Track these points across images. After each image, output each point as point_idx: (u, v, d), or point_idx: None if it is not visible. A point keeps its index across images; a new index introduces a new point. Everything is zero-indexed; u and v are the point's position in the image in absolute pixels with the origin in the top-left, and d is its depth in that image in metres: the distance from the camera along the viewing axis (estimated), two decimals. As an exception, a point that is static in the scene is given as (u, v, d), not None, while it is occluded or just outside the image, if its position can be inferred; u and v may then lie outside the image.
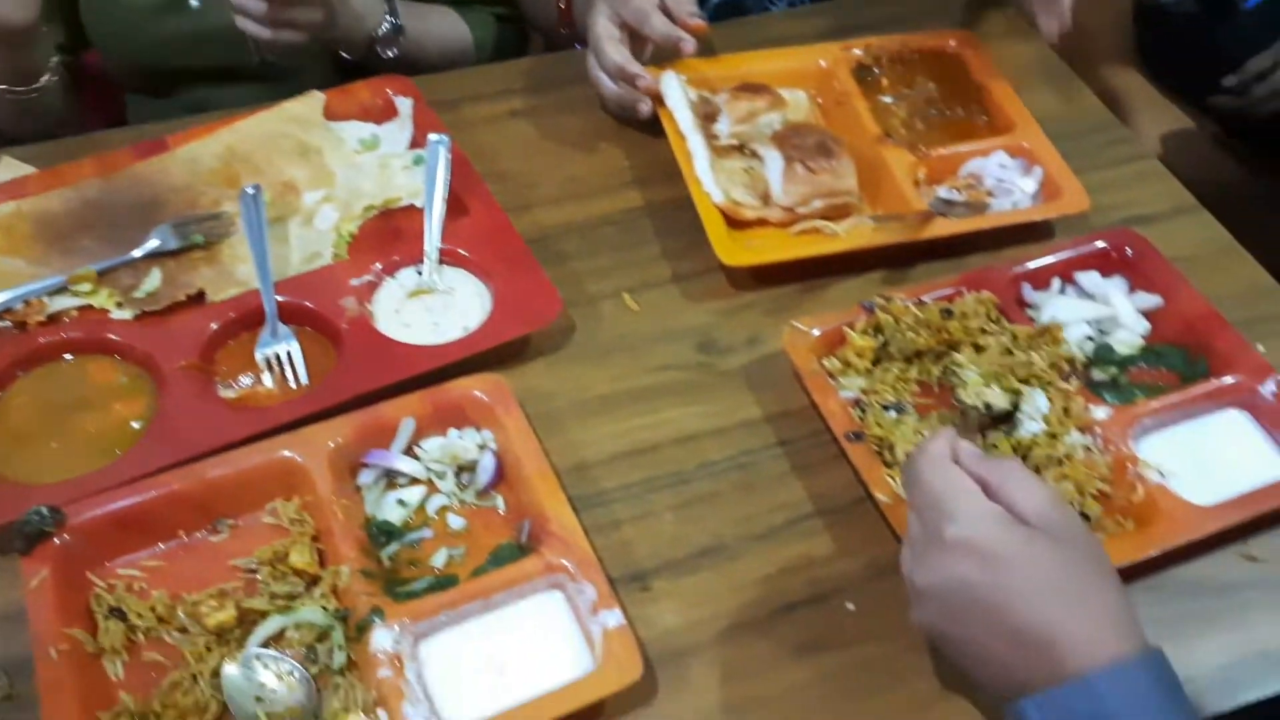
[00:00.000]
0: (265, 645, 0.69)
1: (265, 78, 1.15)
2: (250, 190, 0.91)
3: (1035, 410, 0.81)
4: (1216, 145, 1.44)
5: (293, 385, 0.83)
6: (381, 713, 0.65)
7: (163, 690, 0.66)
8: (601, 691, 0.66)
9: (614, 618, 0.69)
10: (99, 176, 0.94)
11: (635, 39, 1.06)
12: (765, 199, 0.99)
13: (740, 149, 1.03)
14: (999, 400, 0.77)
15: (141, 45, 1.15)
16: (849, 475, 0.82)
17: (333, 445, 0.77)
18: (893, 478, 0.78)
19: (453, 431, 0.81)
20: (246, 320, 0.86)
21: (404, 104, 1.03)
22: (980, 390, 0.76)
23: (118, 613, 0.69)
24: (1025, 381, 0.82)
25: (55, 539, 0.70)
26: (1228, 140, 1.43)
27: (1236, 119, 1.40)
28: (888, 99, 1.13)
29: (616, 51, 1.04)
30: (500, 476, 0.79)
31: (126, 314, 0.86)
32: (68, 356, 0.84)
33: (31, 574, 0.68)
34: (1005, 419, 0.82)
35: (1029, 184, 1.03)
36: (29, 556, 0.69)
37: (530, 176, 1.04)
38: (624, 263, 0.97)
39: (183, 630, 0.69)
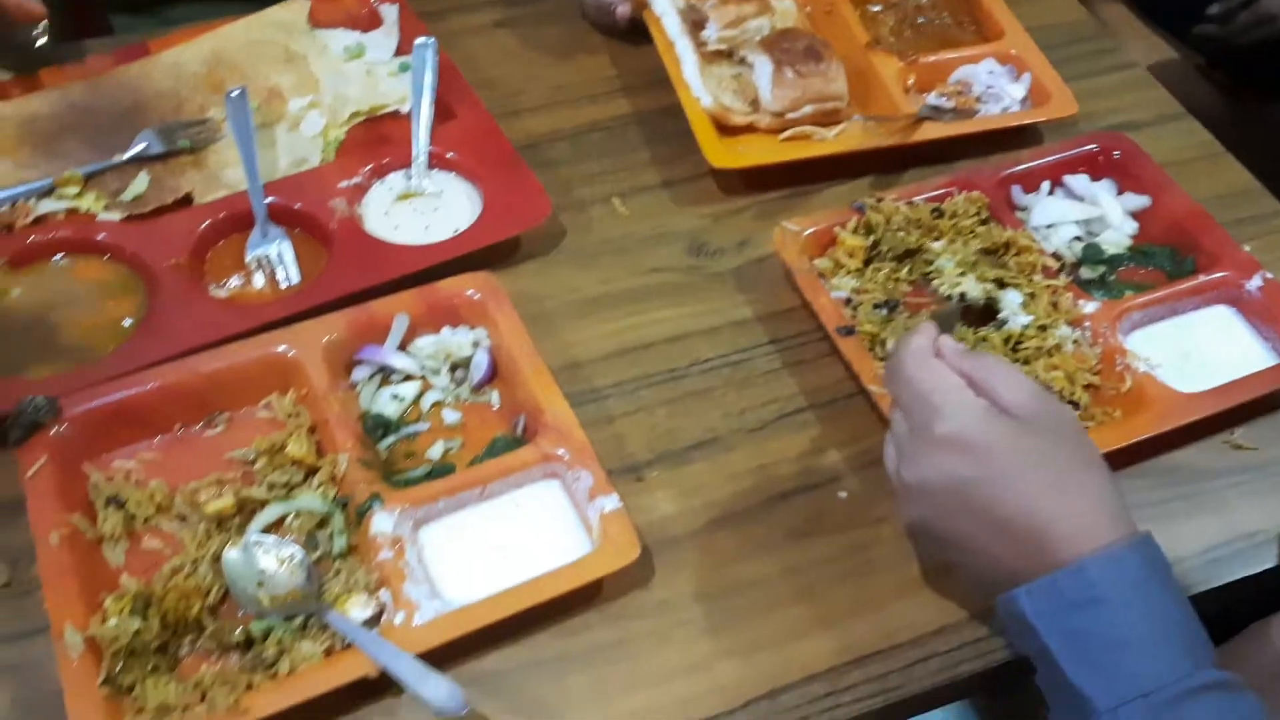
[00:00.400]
0: (266, 531, 0.69)
1: None
2: (234, 92, 0.90)
3: (1013, 306, 0.81)
4: (1200, 75, 1.44)
5: (283, 285, 0.83)
6: (384, 593, 0.65)
7: (164, 574, 0.66)
8: (600, 571, 0.67)
9: (611, 502, 0.69)
10: (82, 81, 0.92)
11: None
12: (754, 105, 0.98)
13: (728, 55, 1.02)
14: (974, 290, 0.76)
15: None
16: (840, 372, 0.82)
17: (327, 340, 0.76)
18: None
19: (446, 329, 0.80)
20: (236, 222, 0.85)
21: (389, 11, 1.02)
22: (955, 280, 0.76)
23: (116, 501, 0.69)
24: (1002, 283, 0.83)
25: (51, 430, 0.70)
26: (1210, 71, 1.43)
27: (1219, 49, 1.39)
28: (876, 7, 1.12)
29: None
30: (494, 373, 0.79)
31: (114, 216, 0.85)
32: (58, 257, 0.82)
33: (29, 463, 0.68)
34: (987, 316, 0.82)
35: (1018, 90, 1.02)
36: (25, 446, 0.69)
37: (516, 85, 1.03)
38: (613, 169, 0.97)
39: (181, 519, 0.69)
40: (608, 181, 0.95)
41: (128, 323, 0.79)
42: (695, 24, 1.03)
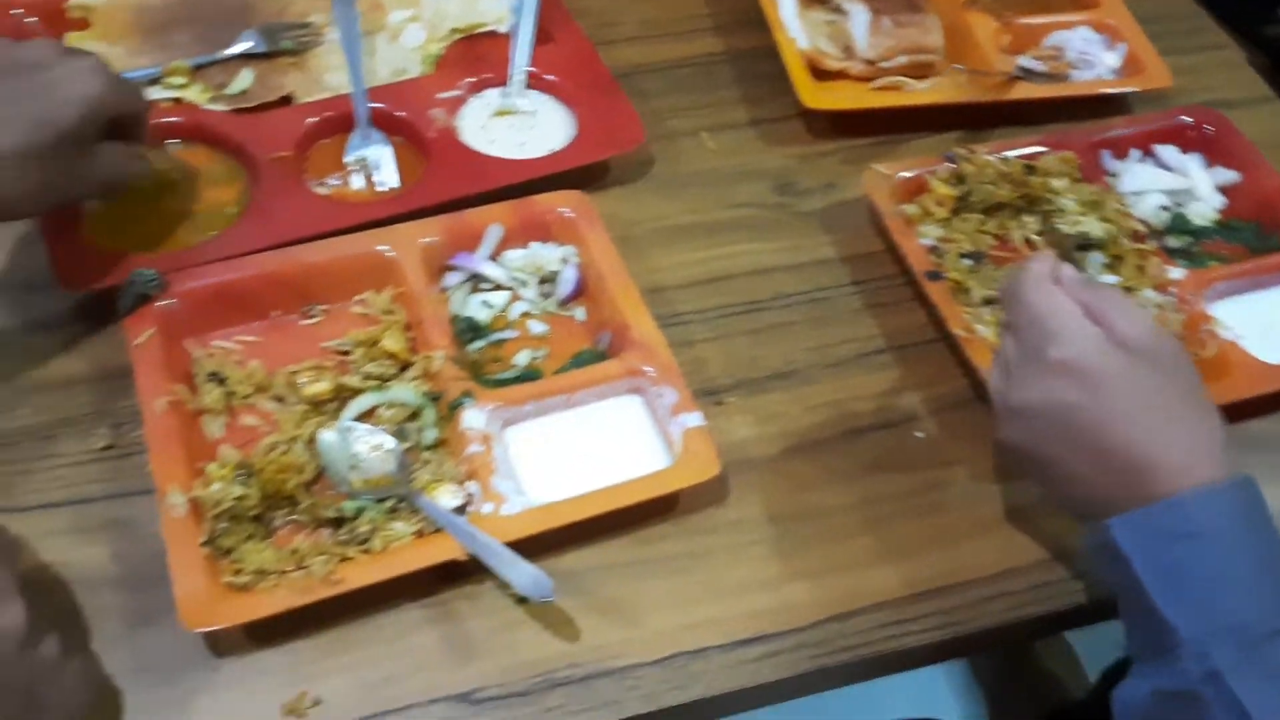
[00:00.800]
0: (359, 419, 0.70)
1: None
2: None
3: (1096, 267, 0.81)
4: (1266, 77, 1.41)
5: (380, 189, 0.83)
6: (471, 484, 0.66)
7: (262, 449, 0.67)
8: (681, 483, 0.68)
9: (694, 419, 0.70)
10: (192, -26, 0.93)
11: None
12: (848, 52, 0.98)
13: (824, 2, 1.01)
14: (1096, 229, 0.76)
15: None
16: (922, 316, 0.82)
17: (425, 243, 0.77)
18: (969, 314, 0.78)
19: (535, 244, 0.81)
20: (338, 123, 0.86)
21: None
22: (1078, 218, 0.76)
23: (217, 377, 0.71)
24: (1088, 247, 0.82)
25: (158, 302, 0.71)
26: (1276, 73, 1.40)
27: None
28: (973, -33, 1.10)
29: None
30: (581, 290, 0.80)
31: (219, 108, 0.86)
32: (170, 142, 0.84)
33: (137, 332, 0.70)
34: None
35: (1112, 59, 1.01)
36: (134, 317, 0.70)
37: (610, 16, 1.03)
38: (703, 104, 0.97)
39: (279, 399, 0.71)
40: (697, 116, 0.96)
41: (231, 210, 0.80)
42: (794, -33, 1.02)
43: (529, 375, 0.74)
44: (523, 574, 0.61)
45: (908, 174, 0.87)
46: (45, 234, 0.75)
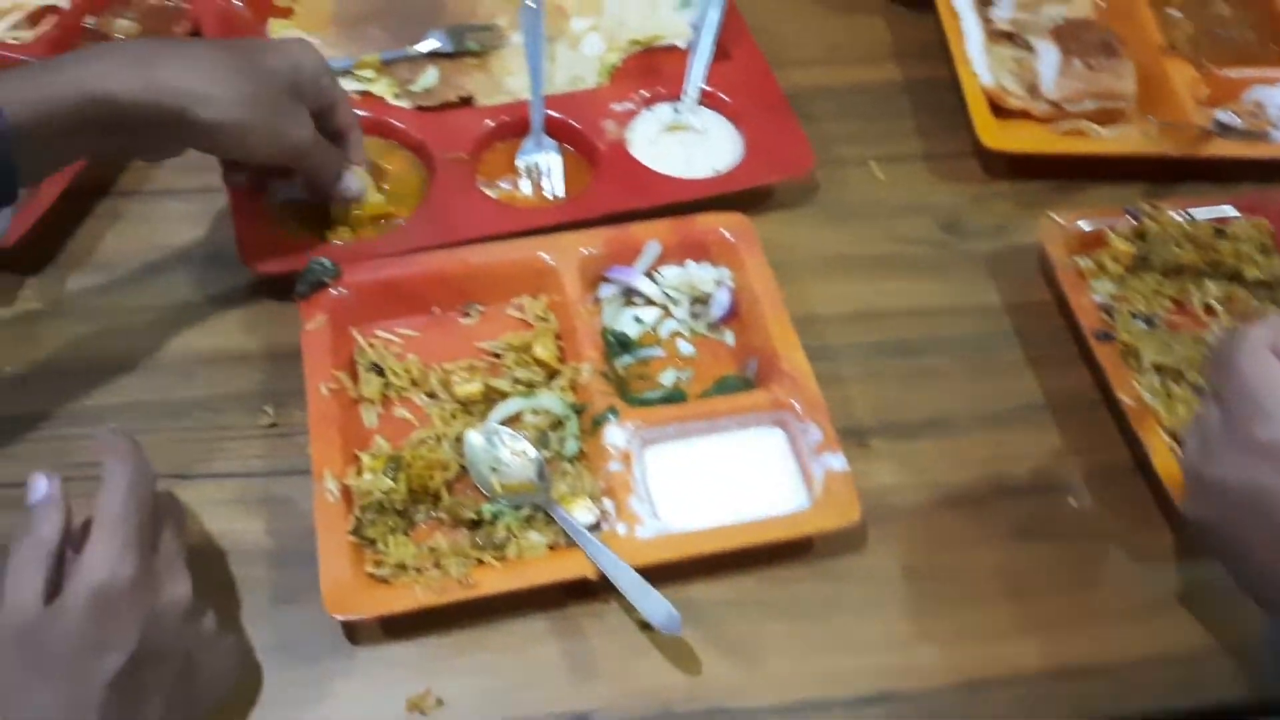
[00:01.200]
0: (504, 423, 0.71)
1: None
2: (532, 3, 0.91)
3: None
4: None
5: (548, 196, 0.84)
6: (608, 502, 0.66)
7: (412, 442, 0.69)
8: (819, 527, 0.66)
9: (838, 461, 0.68)
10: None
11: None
12: (1032, 91, 0.93)
13: (1012, 38, 0.97)
14: None
15: None
16: (1086, 378, 0.78)
17: (584, 253, 0.77)
18: (1138, 381, 0.74)
19: (691, 263, 0.80)
20: (513, 127, 0.87)
21: (681, -56, 1.01)
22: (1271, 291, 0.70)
23: (377, 368, 0.72)
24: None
25: (331, 290, 0.73)
26: None
27: None
28: (1175, 13, 1.04)
29: None
30: (733, 313, 0.78)
31: (403, 104, 0.88)
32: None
33: (309, 317, 0.72)
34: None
35: (1320, 120, 0.94)
36: (309, 302, 0.73)
37: (790, 36, 1.01)
38: (875, 133, 0.94)
39: (431, 395, 0.72)
40: (868, 145, 0.93)
41: (408, 205, 0.82)
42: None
43: (674, 396, 0.73)
44: (655, 605, 0.60)
45: (1085, 225, 0.82)
46: (235, 213, 0.78)
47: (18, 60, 0.85)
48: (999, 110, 0.92)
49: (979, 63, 0.93)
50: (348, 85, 0.88)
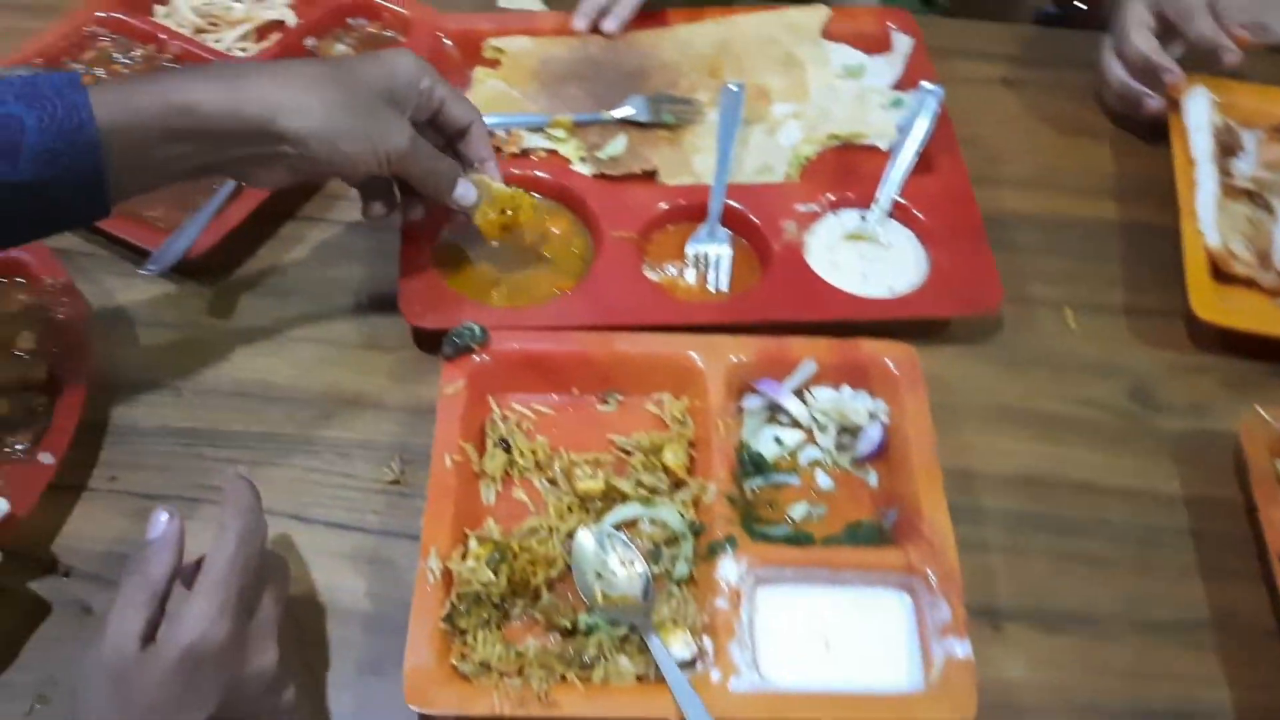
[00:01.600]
0: (618, 528, 0.68)
1: None
2: (735, 87, 0.89)
3: None
4: None
5: (711, 288, 0.81)
6: (707, 640, 0.63)
7: (522, 531, 0.67)
8: (929, 717, 0.61)
9: (963, 648, 0.62)
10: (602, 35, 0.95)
11: (1167, 35, 0.93)
12: (1263, 259, 0.84)
13: (1251, 196, 0.88)
14: None
15: None
16: (1263, 602, 0.69)
17: (734, 360, 0.74)
18: (1329, 628, 0.65)
19: (847, 389, 0.76)
20: (690, 212, 0.85)
21: (901, 41, 0.96)
22: None
23: (505, 444, 0.72)
24: None
25: (476, 356, 0.73)
26: None
27: None
28: None
29: (1145, 40, 0.92)
30: (882, 452, 0.74)
31: (586, 169, 0.87)
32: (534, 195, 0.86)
33: (449, 381, 0.72)
34: None
35: None
36: (452, 364, 0.73)
37: (1001, 151, 0.95)
38: (1076, 274, 0.87)
39: (552, 482, 0.71)
40: (1065, 286, 0.86)
41: (570, 275, 0.81)
42: (1226, 148, 0.90)
43: (799, 538, 0.69)
44: (729, 771, 0.57)
45: (1299, 429, 0.73)
46: (403, 258, 0.79)
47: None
48: (1220, 274, 0.84)
49: (1207, 219, 0.85)
50: (538, 141, 0.89)
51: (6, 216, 0.59)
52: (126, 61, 0.90)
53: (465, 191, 0.75)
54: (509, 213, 0.78)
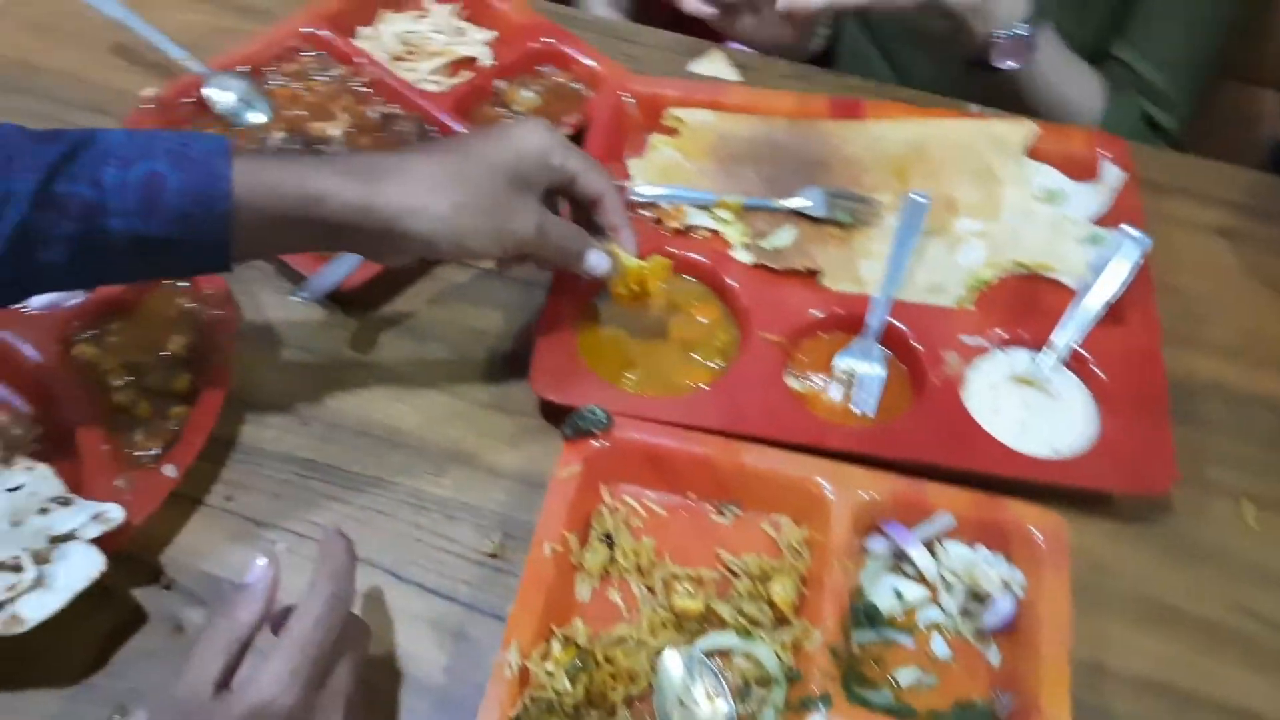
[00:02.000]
0: (709, 655, 0.65)
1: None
2: (921, 198, 0.84)
3: None
4: None
5: (855, 410, 0.77)
6: (779, 804, 0.59)
7: (610, 638, 0.65)
8: None
9: None
10: (789, 119, 0.92)
11: None
12: None
13: None
14: None
15: None
16: None
17: (865, 497, 0.70)
18: None
19: (983, 549, 0.70)
20: (846, 322, 0.81)
21: (1111, 172, 0.89)
22: None
23: (609, 540, 0.70)
24: None
25: (596, 441, 0.71)
26: None
27: None
28: None
29: None
30: (1010, 627, 0.68)
31: (746, 257, 0.84)
32: (686, 277, 0.84)
33: (566, 463, 0.70)
34: None
35: None
36: (572, 445, 0.71)
37: (1203, 310, 0.87)
38: (1265, 465, 0.78)
39: (650, 590, 0.68)
40: (1249, 476, 0.77)
41: (708, 368, 0.79)
42: None
43: (902, 710, 0.64)
44: None
45: None
46: (540, 324, 0.78)
47: (426, 105, 0.90)
48: None
49: None
50: (701, 219, 0.86)
51: (130, 262, 0.63)
52: (324, 79, 0.93)
53: (596, 262, 0.73)
54: (636, 287, 0.76)
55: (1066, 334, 0.79)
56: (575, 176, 0.71)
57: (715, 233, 0.86)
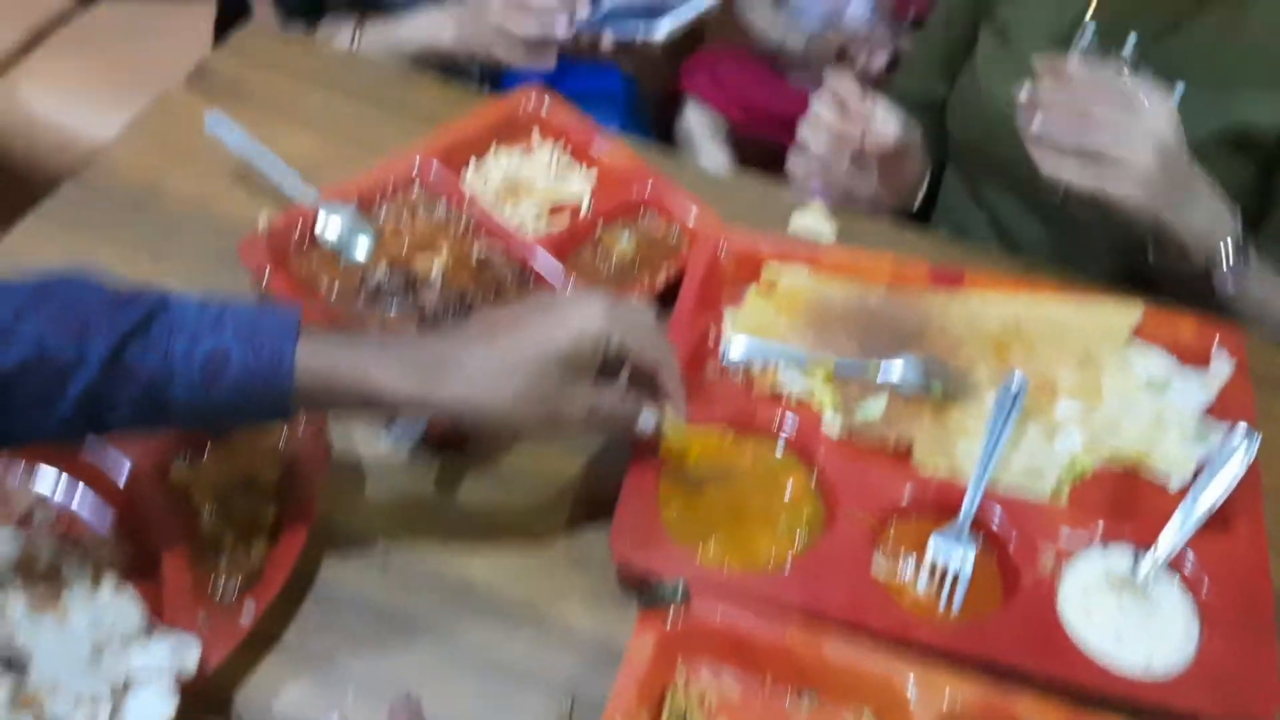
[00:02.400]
0: None
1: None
2: (1016, 383, 0.83)
3: None
4: None
5: (941, 604, 0.75)
6: None
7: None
8: None
9: None
10: (886, 285, 0.92)
11: None
12: None
13: None
14: None
15: (983, 133, 1.11)
16: None
17: (948, 706, 0.67)
18: None
19: (1072, 768, 0.67)
20: (936, 507, 0.79)
21: (1222, 362, 0.87)
22: None
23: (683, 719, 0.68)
24: None
25: (672, 615, 0.70)
26: None
27: None
28: None
29: None
30: None
31: (837, 426, 0.83)
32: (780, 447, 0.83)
33: (641, 633, 0.69)
34: None
35: None
36: (648, 615, 0.70)
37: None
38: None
39: (719, 783, 0.66)
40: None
41: (787, 547, 0.77)
42: None
43: None
44: None
45: None
46: (625, 487, 0.78)
47: (526, 250, 0.92)
48: None
49: None
50: (793, 378, 0.86)
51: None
52: (430, 214, 0.96)
53: (645, 422, 0.75)
54: (681, 452, 0.79)
55: (1170, 537, 0.77)
56: (630, 353, 0.73)
57: (806, 397, 0.86)
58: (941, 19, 1.21)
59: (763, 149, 1.56)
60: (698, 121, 1.69)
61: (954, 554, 0.77)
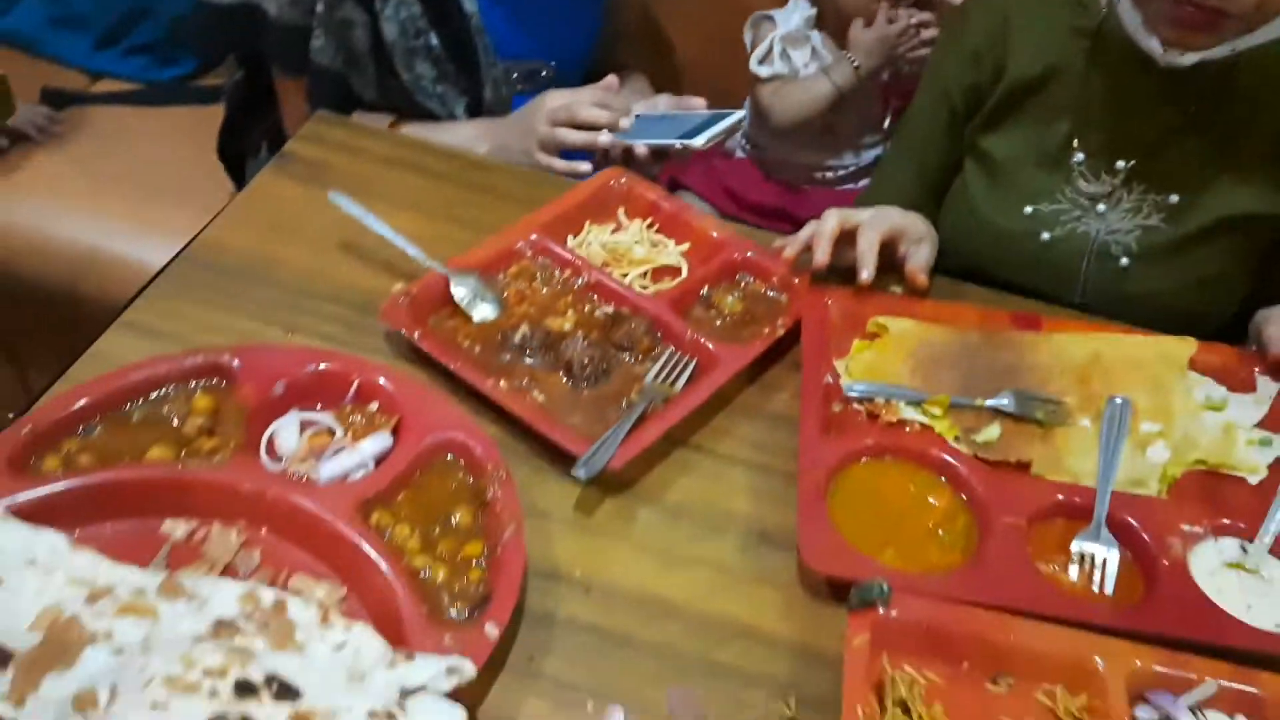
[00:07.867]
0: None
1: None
2: (1119, 401, 1.00)
3: None
4: None
5: (1096, 589, 0.88)
6: None
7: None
8: None
9: None
10: (978, 329, 1.08)
11: None
12: None
13: None
14: None
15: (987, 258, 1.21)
16: None
17: (1136, 667, 0.80)
18: None
19: (1241, 719, 0.80)
20: (1073, 509, 0.93)
21: (1267, 386, 1.06)
22: None
23: (904, 708, 0.78)
24: None
25: (879, 611, 0.81)
26: None
27: None
28: None
29: None
30: (1280, 795, 0.76)
31: (962, 448, 0.97)
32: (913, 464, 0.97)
33: (856, 632, 0.79)
34: None
35: None
36: (858, 616, 0.80)
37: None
38: None
39: (950, 757, 0.76)
40: None
41: (957, 551, 0.90)
42: None
43: None
44: None
45: None
46: (801, 509, 0.89)
47: (649, 306, 1.04)
48: None
49: None
50: (912, 414, 1.00)
51: None
52: (547, 281, 1.07)
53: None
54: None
55: (1271, 527, 0.93)
56: None
57: (928, 428, 1.00)
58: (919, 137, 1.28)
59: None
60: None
61: (1099, 546, 0.91)
